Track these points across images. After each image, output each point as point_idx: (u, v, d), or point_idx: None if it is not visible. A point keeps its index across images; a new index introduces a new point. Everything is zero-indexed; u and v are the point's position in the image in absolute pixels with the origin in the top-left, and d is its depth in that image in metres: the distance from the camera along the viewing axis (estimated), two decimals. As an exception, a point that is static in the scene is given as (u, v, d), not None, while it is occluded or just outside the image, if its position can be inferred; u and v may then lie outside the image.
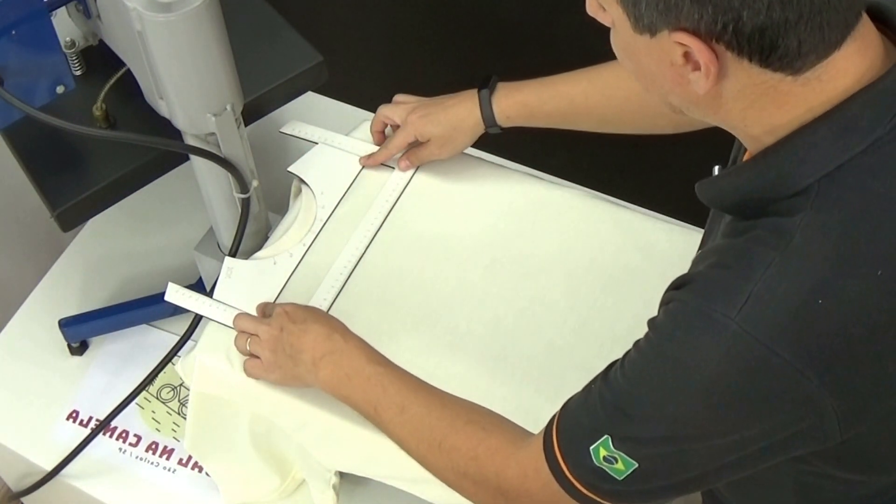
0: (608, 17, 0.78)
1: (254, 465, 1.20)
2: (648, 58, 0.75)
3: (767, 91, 0.73)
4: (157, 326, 1.39)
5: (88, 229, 1.50)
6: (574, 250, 1.19)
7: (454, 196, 1.23)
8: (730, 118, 0.77)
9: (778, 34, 0.68)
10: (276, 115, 1.28)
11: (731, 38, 0.69)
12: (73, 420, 1.33)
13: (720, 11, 0.68)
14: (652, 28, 0.72)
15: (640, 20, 0.72)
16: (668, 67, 0.74)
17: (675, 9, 0.69)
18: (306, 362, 1.02)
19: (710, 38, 0.69)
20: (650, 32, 0.72)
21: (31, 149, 1.20)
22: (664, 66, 0.74)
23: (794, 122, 0.74)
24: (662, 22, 0.71)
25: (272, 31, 1.29)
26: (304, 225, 1.21)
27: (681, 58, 0.72)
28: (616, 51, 0.80)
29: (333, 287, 1.15)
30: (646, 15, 0.71)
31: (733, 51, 0.70)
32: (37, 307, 1.43)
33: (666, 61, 0.73)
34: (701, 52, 0.70)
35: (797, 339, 0.71)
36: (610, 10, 0.75)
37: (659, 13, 0.70)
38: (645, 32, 0.73)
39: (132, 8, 0.97)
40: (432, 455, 0.95)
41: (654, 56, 0.74)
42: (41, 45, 1.03)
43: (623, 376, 0.79)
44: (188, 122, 1.08)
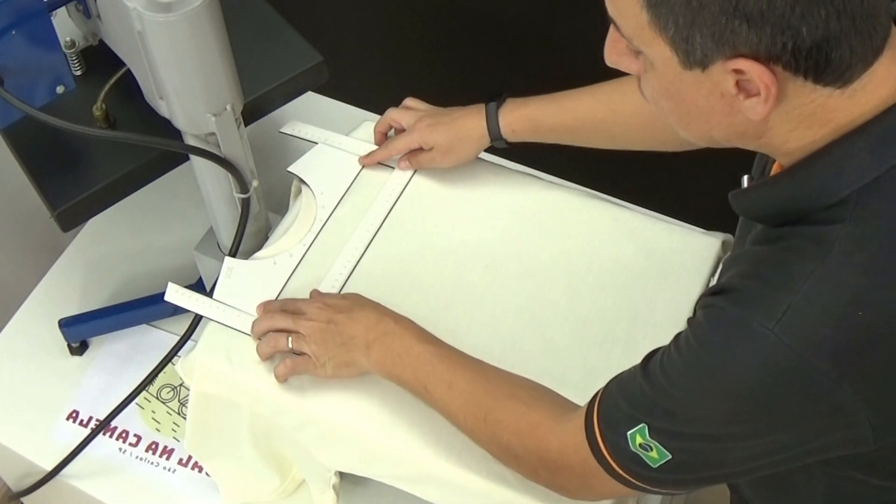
0: (636, 65, 0.77)
1: (254, 465, 1.20)
2: (696, 93, 0.74)
3: (816, 109, 0.73)
4: (157, 326, 1.39)
5: (88, 229, 1.50)
6: (574, 250, 1.19)
7: (454, 196, 1.23)
8: (773, 141, 0.77)
9: (832, 47, 0.68)
10: (276, 115, 1.28)
11: (790, 57, 0.69)
12: (73, 420, 1.33)
13: (779, 31, 0.67)
14: (705, 61, 0.71)
15: (692, 54, 0.71)
16: (718, 100, 0.74)
17: (732, 35, 0.69)
18: (359, 346, 1.03)
19: (768, 60, 0.69)
20: (702, 66, 0.72)
21: (31, 149, 1.20)
22: (713, 98, 0.74)
23: (833, 135, 0.74)
24: (717, 52, 0.70)
25: (272, 31, 1.29)
26: (304, 225, 1.21)
27: (733, 87, 0.72)
28: (652, 94, 0.79)
29: (333, 287, 1.15)
30: (699, 46, 0.70)
31: (790, 70, 0.70)
32: (37, 307, 1.43)
33: (716, 94, 0.73)
34: (762, 75, 0.70)
35: (834, 350, 0.72)
36: (651, 51, 0.74)
37: (714, 42, 0.69)
38: (695, 67, 0.72)
39: (132, 8, 0.97)
40: (478, 429, 0.97)
41: (704, 90, 0.74)
42: (41, 45, 1.03)
43: (662, 373, 0.80)
44: (188, 122, 1.08)
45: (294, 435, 1.12)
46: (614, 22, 0.76)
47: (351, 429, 1.07)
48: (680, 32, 0.70)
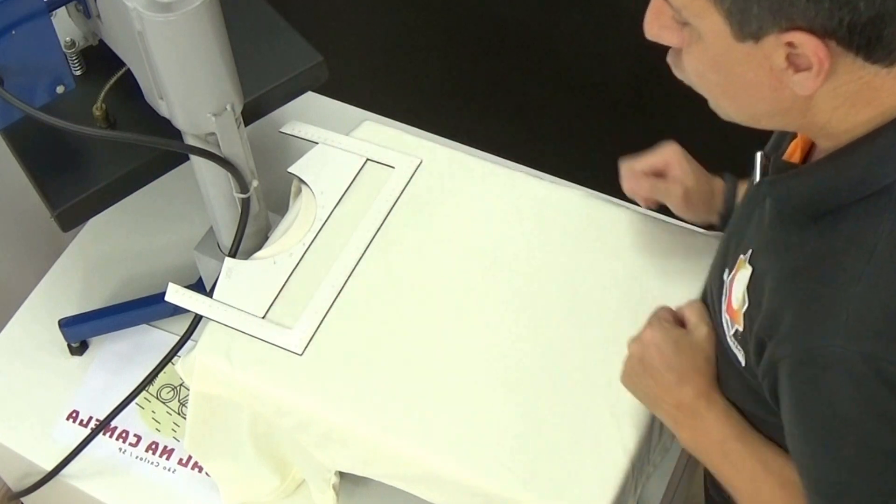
0: (679, 37, 0.76)
1: (254, 465, 1.20)
2: (745, 66, 0.74)
3: (862, 87, 0.72)
4: (157, 326, 1.39)
5: (88, 229, 1.50)
6: (574, 250, 1.18)
7: (454, 196, 1.23)
8: (816, 120, 0.76)
9: (886, 23, 0.68)
10: (276, 115, 1.28)
11: (845, 32, 0.68)
12: (73, 420, 1.33)
13: (837, 5, 0.67)
14: (759, 32, 0.70)
15: (747, 25, 0.70)
16: (767, 73, 0.73)
17: (790, 7, 0.68)
18: (665, 412, 0.97)
19: (823, 35, 0.68)
20: (755, 38, 0.71)
21: (31, 149, 1.20)
22: (762, 72, 0.73)
23: (876, 119, 0.74)
24: (773, 23, 0.69)
25: (272, 31, 1.29)
26: (304, 225, 1.21)
27: (783, 61, 0.71)
28: (696, 68, 0.78)
29: (333, 287, 1.15)
30: (755, 18, 0.70)
31: (843, 45, 0.69)
32: (37, 307, 1.43)
33: (765, 67, 0.73)
34: (816, 50, 0.69)
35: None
36: (701, 22, 0.73)
37: (772, 14, 0.69)
38: (748, 39, 0.71)
39: (132, 8, 0.97)
40: None
41: (754, 63, 0.73)
42: (41, 45, 1.03)
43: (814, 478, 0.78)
44: (188, 122, 1.08)
45: (294, 435, 1.12)
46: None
47: (351, 429, 1.07)
48: (737, 3, 0.70)
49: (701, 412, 0.94)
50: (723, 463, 0.93)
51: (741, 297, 0.86)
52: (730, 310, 0.89)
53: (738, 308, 0.87)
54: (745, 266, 0.86)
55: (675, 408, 0.95)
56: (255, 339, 1.11)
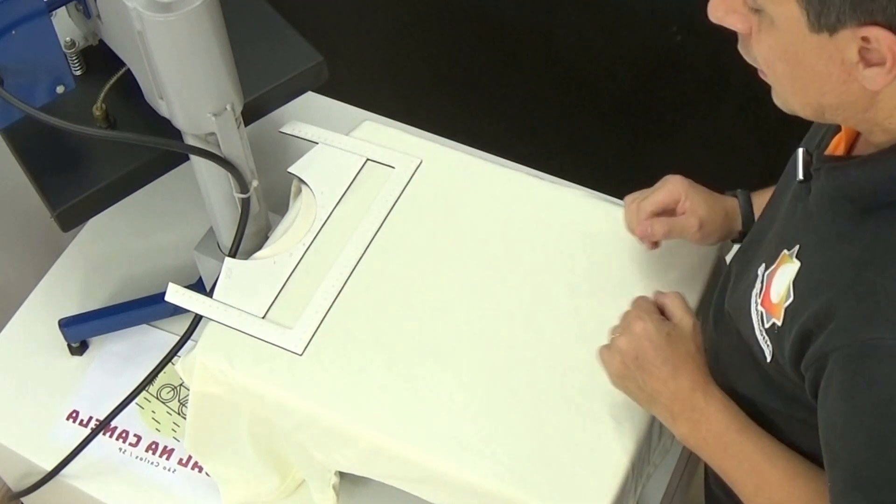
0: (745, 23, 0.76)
1: (254, 465, 1.20)
2: (816, 58, 0.73)
3: None
4: (157, 326, 1.39)
5: (88, 229, 1.50)
6: (574, 250, 1.19)
7: (454, 196, 1.23)
8: (877, 115, 0.76)
9: None
10: (276, 115, 1.28)
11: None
12: (73, 420, 1.33)
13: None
14: (836, 25, 0.70)
15: (826, 17, 0.70)
16: (838, 66, 0.73)
17: (871, 2, 0.68)
18: (662, 408, 0.96)
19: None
20: (831, 30, 0.71)
21: (31, 149, 1.20)
22: (833, 65, 0.73)
23: None
24: (852, 17, 0.69)
25: (272, 31, 1.29)
26: (304, 225, 1.21)
27: (856, 55, 0.71)
28: (765, 55, 0.77)
29: (333, 287, 1.15)
30: (834, 10, 0.69)
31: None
32: (37, 307, 1.43)
33: (836, 60, 0.72)
34: (893, 45, 0.69)
35: None
36: (777, 9, 0.73)
37: (852, 7, 0.69)
38: (823, 31, 0.71)
39: (132, 8, 0.97)
40: None
41: (825, 55, 0.73)
42: (41, 45, 1.03)
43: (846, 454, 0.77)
44: (188, 122, 1.08)
45: (294, 435, 1.12)
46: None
47: (351, 429, 1.07)
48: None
49: (699, 404, 0.94)
50: (723, 456, 0.93)
51: (784, 292, 0.85)
52: (766, 303, 0.88)
53: (778, 302, 0.86)
54: (792, 261, 0.86)
55: (672, 401, 0.95)
56: (255, 339, 1.11)
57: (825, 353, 0.78)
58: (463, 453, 1.04)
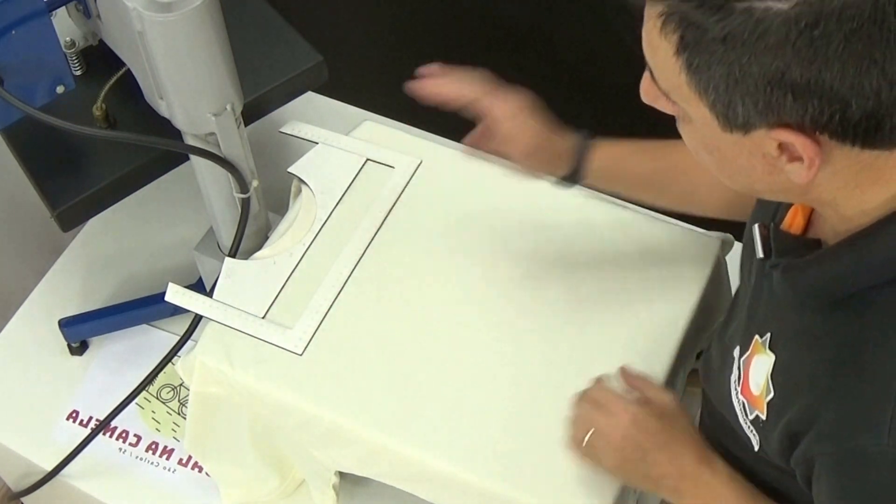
0: (674, 109, 0.74)
1: (254, 465, 1.20)
2: (737, 153, 0.72)
3: (863, 169, 0.70)
4: (157, 326, 1.39)
5: (88, 229, 1.50)
6: (574, 250, 1.18)
7: (454, 196, 1.23)
8: (821, 198, 0.74)
9: (884, 115, 0.65)
10: (276, 115, 1.28)
11: (837, 126, 0.66)
12: (73, 420, 1.33)
13: (826, 103, 0.64)
14: (746, 126, 0.69)
15: (733, 120, 0.69)
16: (760, 160, 0.71)
17: (777, 106, 0.66)
18: (669, 489, 0.94)
19: (812, 130, 0.67)
20: (743, 130, 0.69)
21: (31, 149, 1.20)
22: (755, 159, 0.71)
23: (891, 202, 0.72)
24: (761, 120, 0.68)
25: (272, 31, 1.29)
26: (304, 225, 1.21)
27: (775, 150, 0.69)
28: (690, 143, 0.77)
29: (333, 287, 1.15)
30: (741, 115, 0.68)
31: (837, 138, 0.67)
32: (37, 307, 1.43)
33: (757, 154, 0.71)
34: (805, 146, 0.67)
35: None
36: (689, 108, 0.72)
37: (758, 112, 0.67)
38: (737, 131, 0.70)
39: (132, 8, 0.97)
40: None
41: (745, 150, 0.71)
42: (41, 45, 1.03)
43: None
44: (188, 122, 1.08)
45: (294, 435, 1.12)
46: (650, 71, 0.73)
47: (351, 429, 1.07)
48: (720, 98, 0.68)
49: (705, 478, 0.93)
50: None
51: (763, 385, 0.84)
52: (747, 393, 0.87)
53: (759, 395, 0.85)
54: (766, 352, 0.84)
55: (679, 481, 0.93)
56: (255, 339, 1.11)
57: (811, 457, 0.77)
58: (463, 453, 1.04)
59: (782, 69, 0.64)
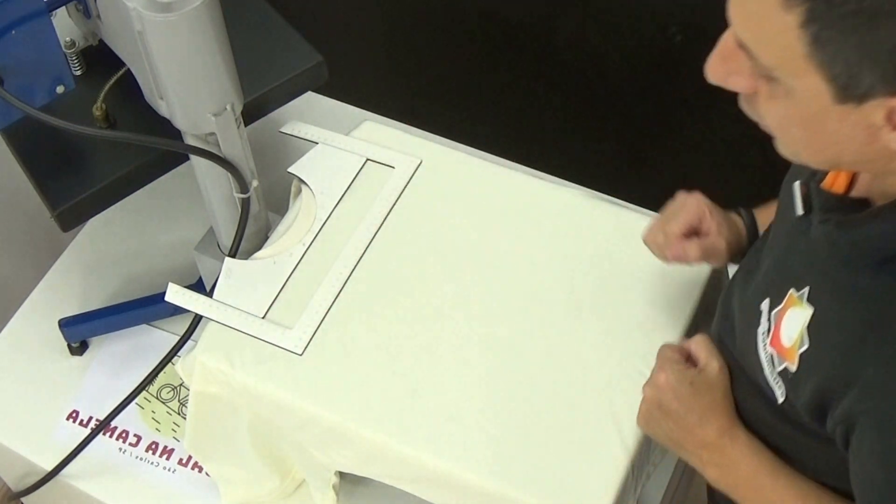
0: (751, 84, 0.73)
1: (254, 465, 1.20)
2: (840, 124, 0.71)
3: None
4: (157, 326, 1.39)
5: (88, 229, 1.50)
6: (574, 251, 1.19)
7: (454, 196, 1.23)
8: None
9: None
10: (276, 115, 1.28)
11: None
12: (73, 420, 1.33)
13: None
14: (864, 96, 0.68)
15: (854, 89, 0.68)
16: (863, 130, 0.71)
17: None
18: (691, 453, 0.96)
19: None
20: (858, 101, 0.69)
21: (31, 149, 1.20)
22: (858, 129, 0.71)
23: None
24: (883, 88, 0.67)
25: (272, 31, 1.29)
26: (304, 225, 1.21)
27: (882, 119, 0.69)
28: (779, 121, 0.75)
29: (333, 287, 1.15)
30: (863, 84, 0.67)
31: None
32: (37, 307, 1.43)
33: (862, 125, 0.70)
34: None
35: None
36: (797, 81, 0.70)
37: (883, 79, 0.66)
38: (850, 101, 0.69)
39: (132, 8, 0.97)
40: None
41: (849, 122, 0.71)
42: (41, 45, 1.03)
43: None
44: (188, 122, 1.08)
45: (294, 435, 1.12)
46: (745, 44, 0.71)
47: (351, 429, 1.07)
48: (846, 70, 0.67)
49: (727, 449, 0.93)
50: (756, 498, 0.92)
51: (797, 337, 0.84)
52: (777, 345, 0.87)
53: (791, 346, 0.85)
54: (803, 305, 0.84)
55: (700, 448, 0.94)
56: (255, 339, 1.11)
57: (853, 414, 0.77)
58: (463, 453, 1.04)
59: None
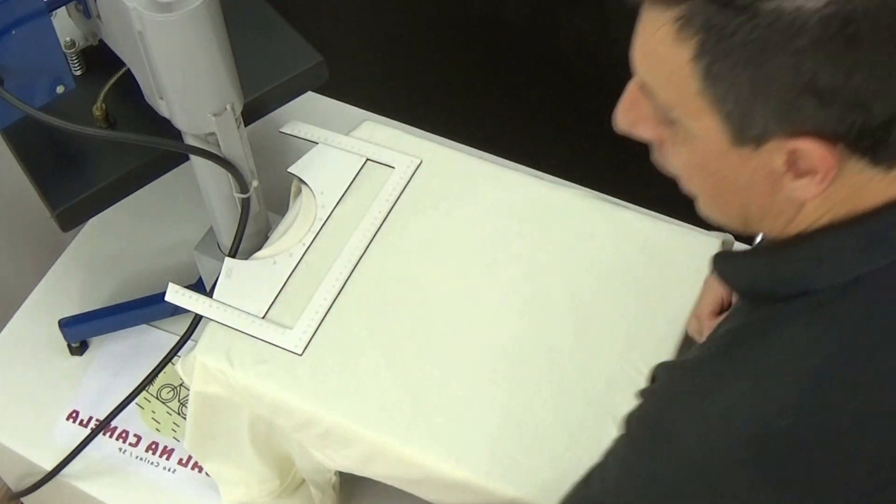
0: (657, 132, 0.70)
1: (254, 465, 1.20)
2: (740, 170, 0.67)
3: (854, 193, 0.66)
4: (157, 326, 1.39)
5: (88, 229, 1.50)
6: (574, 251, 1.18)
7: (454, 196, 1.23)
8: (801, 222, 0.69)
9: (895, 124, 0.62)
10: (276, 115, 1.28)
11: (855, 135, 0.62)
12: (73, 420, 1.33)
13: (850, 108, 0.61)
14: (761, 138, 0.64)
15: (749, 130, 0.64)
16: (764, 178, 0.67)
17: (800, 114, 0.61)
18: None
19: (831, 139, 0.62)
20: (756, 143, 0.65)
21: (31, 149, 1.20)
22: (759, 176, 0.67)
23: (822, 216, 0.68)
24: (778, 129, 0.63)
25: (272, 31, 1.29)
26: (304, 225, 1.21)
27: (782, 165, 0.65)
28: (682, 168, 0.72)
29: (333, 287, 1.15)
30: (759, 124, 0.63)
31: (850, 149, 0.63)
32: (37, 307, 1.43)
33: (762, 172, 0.66)
34: (823, 156, 0.62)
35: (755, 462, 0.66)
36: (694, 123, 0.67)
37: (777, 119, 0.62)
38: (748, 144, 0.65)
39: (132, 8, 0.97)
40: None
41: (749, 168, 0.67)
42: (41, 45, 1.03)
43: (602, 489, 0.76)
44: (188, 122, 1.08)
45: (294, 435, 1.12)
46: (645, 84, 0.69)
47: (351, 429, 1.07)
48: (739, 107, 0.63)
49: None
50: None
51: None
52: None
53: None
54: None
55: None
56: (255, 339, 1.11)
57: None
58: (463, 453, 1.04)
59: (812, 73, 0.60)
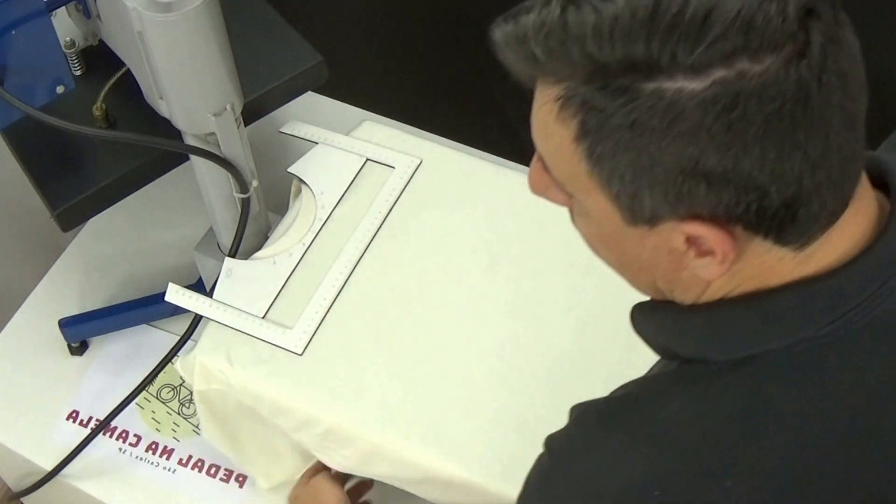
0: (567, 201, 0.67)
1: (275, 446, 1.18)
2: (640, 248, 0.64)
3: (762, 271, 0.63)
4: (157, 326, 1.39)
5: (88, 229, 1.50)
6: (574, 250, 1.18)
7: (454, 196, 1.23)
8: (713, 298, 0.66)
9: (802, 204, 0.58)
10: (276, 115, 1.28)
11: (753, 217, 0.59)
12: (73, 420, 1.33)
13: (743, 192, 0.57)
14: (653, 220, 0.61)
15: (639, 212, 0.61)
16: (665, 255, 0.64)
17: (689, 197, 0.58)
18: None
19: (727, 221, 0.59)
20: (649, 224, 0.62)
21: (31, 149, 1.20)
22: (660, 254, 0.64)
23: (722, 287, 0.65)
24: (670, 212, 0.60)
25: (272, 31, 1.29)
26: (304, 225, 1.21)
27: (683, 244, 0.62)
28: (587, 239, 0.70)
29: (333, 287, 1.15)
30: (648, 207, 0.60)
31: (751, 230, 0.60)
32: (37, 307, 1.43)
33: (663, 250, 0.63)
34: (719, 240, 0.60)
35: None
36: (587, 200, 0.64)
37: (666, 203, 0.59)
38: (641, 224, 0.62)
39: (132, 8, 0.97)
40: None
41: (649, 246, 0.64)
42: (41, 45, 1.03)
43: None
44: (188, 122, 1.08)
45: (294, 435, 1.12)
46: (542, 158, 0.66)
47: (351, 429, 1.07)
48: (625, 189, 0.60)
49: None
50: None
51: None
52: None
53: None
54: None
55: None
56: (255, 339, 1.11)
57: None
58: (463, 453, 1.04)
59: (696, 156, 0.57)
